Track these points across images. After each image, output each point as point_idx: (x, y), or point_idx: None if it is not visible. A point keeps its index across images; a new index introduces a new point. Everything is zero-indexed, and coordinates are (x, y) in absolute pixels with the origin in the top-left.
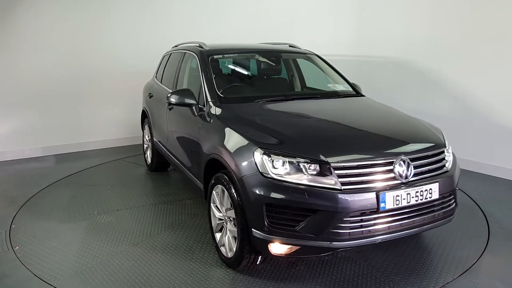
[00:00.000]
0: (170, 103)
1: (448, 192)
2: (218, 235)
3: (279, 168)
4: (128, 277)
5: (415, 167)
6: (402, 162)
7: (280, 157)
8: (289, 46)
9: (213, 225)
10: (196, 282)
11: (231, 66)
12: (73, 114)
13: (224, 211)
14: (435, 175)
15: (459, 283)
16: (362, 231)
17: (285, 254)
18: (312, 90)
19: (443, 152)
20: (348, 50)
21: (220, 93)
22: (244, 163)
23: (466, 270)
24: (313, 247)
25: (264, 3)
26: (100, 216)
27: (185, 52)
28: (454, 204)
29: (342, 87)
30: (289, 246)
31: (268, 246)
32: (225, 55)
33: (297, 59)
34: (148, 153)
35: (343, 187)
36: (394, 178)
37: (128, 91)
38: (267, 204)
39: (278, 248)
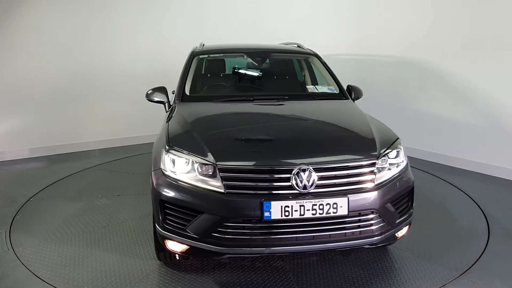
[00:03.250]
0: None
1: (369, 210)
2: None
3: (176, 166)
4: (71, 255)
5: (323, 178)
6: (302, 172)
7: (180, 155)
8: (297, 46)
9: None
10: (121, 268)
11: (219, 66)
12: (74, 114)
13: None
14: (348, 189)
15: (459, 283)
16: (245, 239)
17: (181, 253)
18: (287, 92)
19: (372, 164)
20: (350, 50)
21: (188, 92)
22: (157, 159)
23: (466, 270)
24: (199, 249)
25: (266, 4)
26: (101, 199)
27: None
28: (383, 223)
29: (326, 88)
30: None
31: (165, 242)
32: (211, 55)
33: (294, 60)
34: None
35: (227, 191)
36: (291, 188)
37: (129, 91)
38: (161, 201)
39: (174, 245)
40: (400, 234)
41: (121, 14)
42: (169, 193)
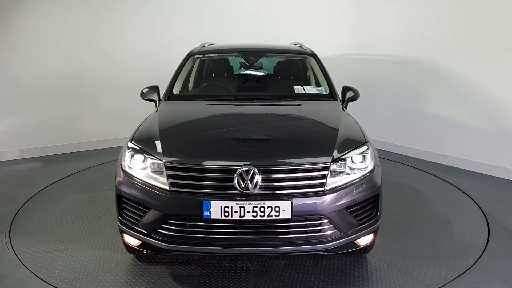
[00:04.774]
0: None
1: (316, 215)
2: None
3: (133, 162)
4: (62, 249)
5: (268, 180)
6: (244, 172)
7: (138, 152)
8: (299, 46)
9: None
10: (96, 259)
11: (212, 66)
12: (74, 114)
13: None
14: (293, 192)
15: (459, 283)
16: (188, 237)
17: (137, 247)
18: (276, 92)
19: (324, 168)
20: (350, 50)
21: (176, 91)
22: (122, 154)
23: (466, 270)
24: (149, 244)
25: (264, 4)
26: (106, 191)
27: None
28: (335, 230)
29: (314, 89)
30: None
31: (123, 236)
32: (205, 55)
33: (290, 59)
34: None
35: (171, 189)
36: (233, 188)
37: (129, 90)
38: (118, 195)
39: (130, 239)
40: (362, 242)
41: (121, 14)
42: (125, 188)
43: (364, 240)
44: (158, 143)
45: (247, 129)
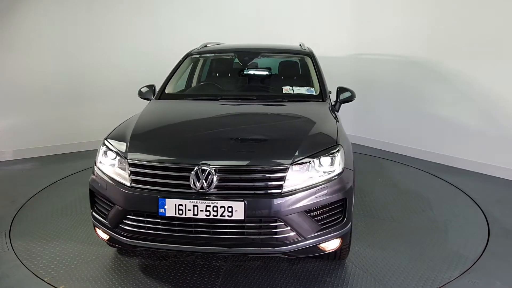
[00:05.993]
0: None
1: (271, 217)
2: None
3: (105, 158)
4: (56, 242)
5: (224, 180)
6: (200, 171)
7: (110, 148)
8: (300, 46)
9: None
10: (79, 250)
11: (208, 66)
12: (74, 114)
13: None
14: (248, 193)
15: (459, 283)
16: (146, 233)
17: (107, 241)
18: (267, 93)
19: (283, 170)
20: (351, 50)
21: (169, 90)
22: (98, 151)
23: (466, 270)
24: (114, 239)
25: (265, 4)
26: None
27: None
28: (293, 234)
29: (304, 90)
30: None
31: (95, 230)
32: (202, 55)
33: (286, 59)
34: None
35: (132, 185)
36: (189, 187)
37: (129, 91)
38: (90, 190)
39: (100, 233)
40: (328, 247)
41: (121, 14)
42: (95, 184)
43: (330, 245)
44: (127, 141)
45: (213, 129)
